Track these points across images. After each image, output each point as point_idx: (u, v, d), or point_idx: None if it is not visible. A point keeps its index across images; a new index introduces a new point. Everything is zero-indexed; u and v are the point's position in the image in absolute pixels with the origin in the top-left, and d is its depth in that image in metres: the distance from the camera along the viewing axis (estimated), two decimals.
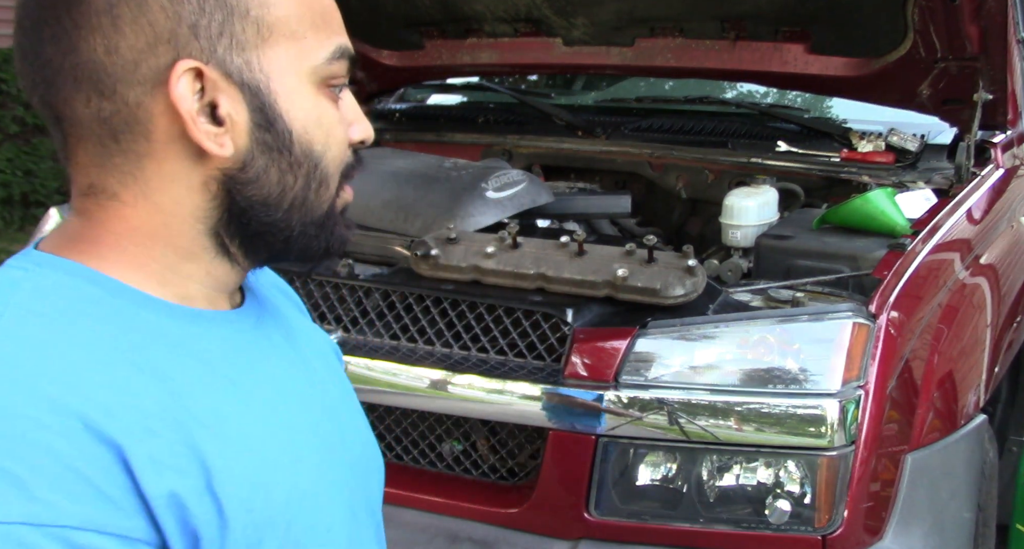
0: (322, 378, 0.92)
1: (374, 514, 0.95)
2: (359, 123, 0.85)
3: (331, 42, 0.82)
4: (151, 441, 0.68)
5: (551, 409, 1.76)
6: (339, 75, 0.82)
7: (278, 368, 0.85)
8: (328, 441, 0.86)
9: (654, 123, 2.85)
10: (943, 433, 1.85)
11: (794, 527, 1.66)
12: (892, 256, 1.88)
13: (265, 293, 0.94)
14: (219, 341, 0.80)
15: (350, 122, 0.84)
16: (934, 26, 2.25)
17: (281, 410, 0.82)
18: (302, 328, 0.98)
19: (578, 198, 2.61)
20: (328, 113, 0.82)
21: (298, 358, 0.90)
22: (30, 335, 0.69)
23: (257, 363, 0.83)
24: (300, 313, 1.03)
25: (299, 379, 0.87)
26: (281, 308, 0.96)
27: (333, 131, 0.82)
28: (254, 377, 0.81)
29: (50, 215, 2.62)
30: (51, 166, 6.92)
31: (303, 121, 0.80)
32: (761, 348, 1.71)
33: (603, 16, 2.65)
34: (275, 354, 0.86)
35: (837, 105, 3.00)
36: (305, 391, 0.87)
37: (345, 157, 0.84)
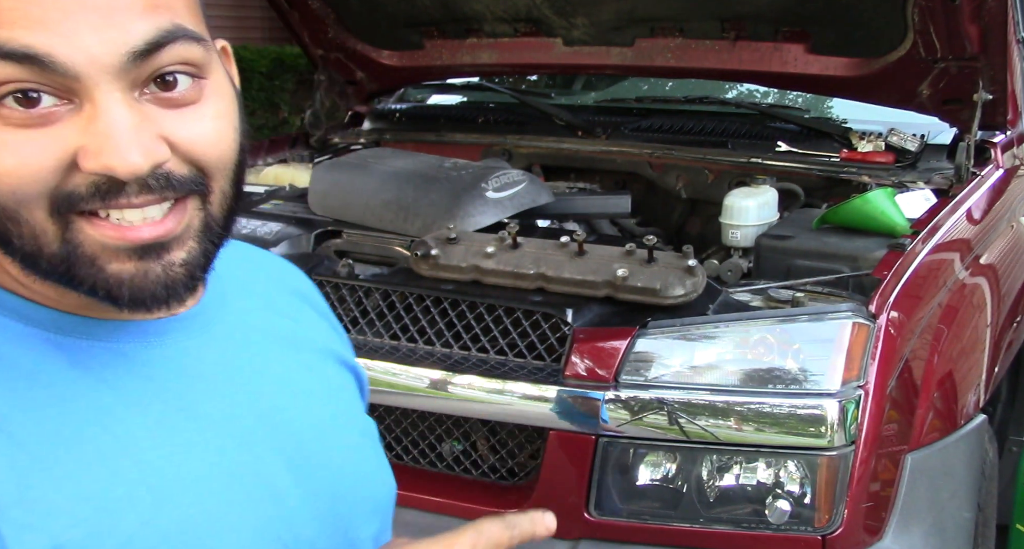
0: (276, 405, 0.80)
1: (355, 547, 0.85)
2: (95, 149, 0.62)
3: None
4: None
5: (562, 411, 1.76)
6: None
7: (187, 389, 0.74)
8: (253, 474, 0.75)
9: (654, 123, 2.85)
10: (943, 433, 1.85)
11: (794, 527, 1.66)
12: (892, 256, 1.88)
13: (246, 304, 0.84)
14: (102, 356, 0.70)
15: (80, 146, 0.62)
16: (934, 26, 2.25)
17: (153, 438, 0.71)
18: (283, 348, 0.86)
19: (578, 198, 2.61)
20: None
21: (236, 379, 0.78)
22: None
23: (151, 382, 0.72)
24: (304, 330, 0.91)
25: (216, 402, 0.76)
26: (260, 323, 0.85)
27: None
28: (147, 407, 0.71)
29: None
30: None
31: None
32: (761, 348, 1.71)
33: (603, 16, 2.65)
34: (192, 372, 0.75)
35: (837, 105, 3.00)
36: (220, 415, 0.76)
37: (49, 186, 0.63)
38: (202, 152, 0.67)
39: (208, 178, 0.68)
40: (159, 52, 0.64)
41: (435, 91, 3.54)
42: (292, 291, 0.94)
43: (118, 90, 0.62)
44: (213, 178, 0.69)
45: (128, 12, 0.62)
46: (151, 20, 0.63)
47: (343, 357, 0.93)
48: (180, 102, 0.66)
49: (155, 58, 0.64)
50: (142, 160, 0.62)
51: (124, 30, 0.62)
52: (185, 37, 0.65)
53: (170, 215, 0.66)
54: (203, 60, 0.67)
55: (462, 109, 3.37)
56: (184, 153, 0.66)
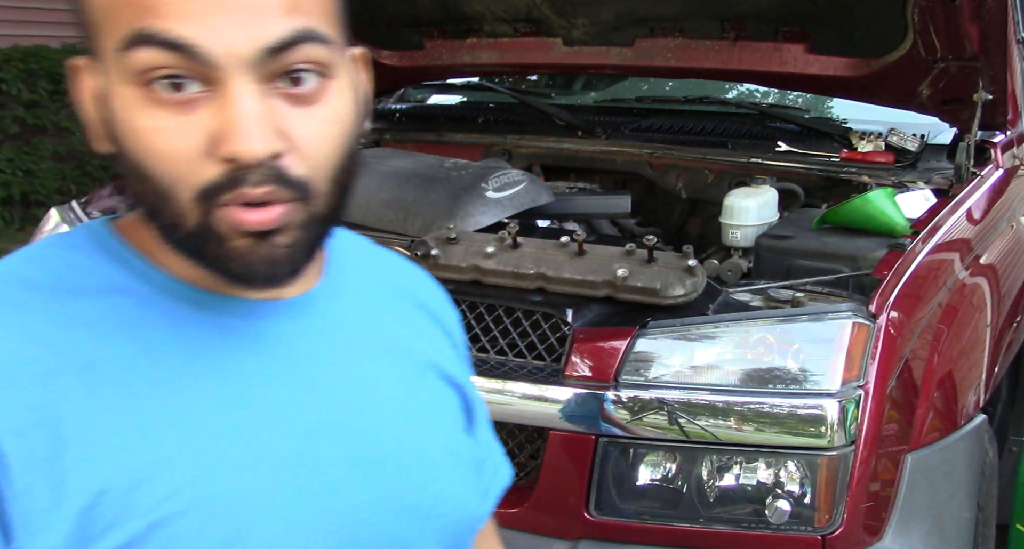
0: (356, 406, 0.82)
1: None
2: (224, 134, 0.69)
3: (127, 26, 0.68)
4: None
5: (562, 411, 1.76)
6: (147, 67, 0.68)
7: (269, 369, 0.78)
8: (309, 465, 0.77)
9: (654, 123, 2.85)
10: (943, 433, 1.85)
11: (794, 527, 1.66)
12: (892, 256, 1.88)
13: (358, 303, 0.87)
14: (202, 325, 0.77)
15: (215, 131, 0.69)
16: (934, 26, 2.25)
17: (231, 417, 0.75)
18: (382, 352, 0.87)
19: (578, 198, 2.61)
20: (136, 118, 0.70)
21: (322, 372, 0.81)
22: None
23: (238, 355, 0.77)
24: (412, 339, 0.92)
25: (293, 389, 0.79)
26: (365, 324, 0.87)
27: (150, 141, 0.69)
28: (221, 376, 0.76)
29: (50, 215, 2.62)
30: (51, 166, 6.93)
31: (118, 121, 0.71)
32: (761, 348, 1.71)
33: (603, 16, 2.65)
34: (279, 355, 0.79)
35: (837, 105, 3.00)
36: (292, 402, 0.78)
37: (198, 176, 0.70)
38: (313, 150, 0.72)
39: (314, 179, 0.73)
40: (290, 50, 0.70)
41: (435, 91, 3.54)
42: (413, 300, 0.96)
43: (250, 81, 0.69)
44: (315, 180, 0.73)
45: (268, 13, 0.69)
46: (288, 22, 0.70)
47: (449, 373, 0.93)
48: (303, 100, 0.72)
49: (286, 55, 0.70)
50: (261, 148, 0.68)
51: (263, 28, 0.69)
52: (315, 39, 0.71)
53: (274, 207, 0.72)
54: (330, 62, 0.73)
55: (462, 109, 3.37)
56: (299, 150, 0.71)
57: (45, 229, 2.60)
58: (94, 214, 2.59)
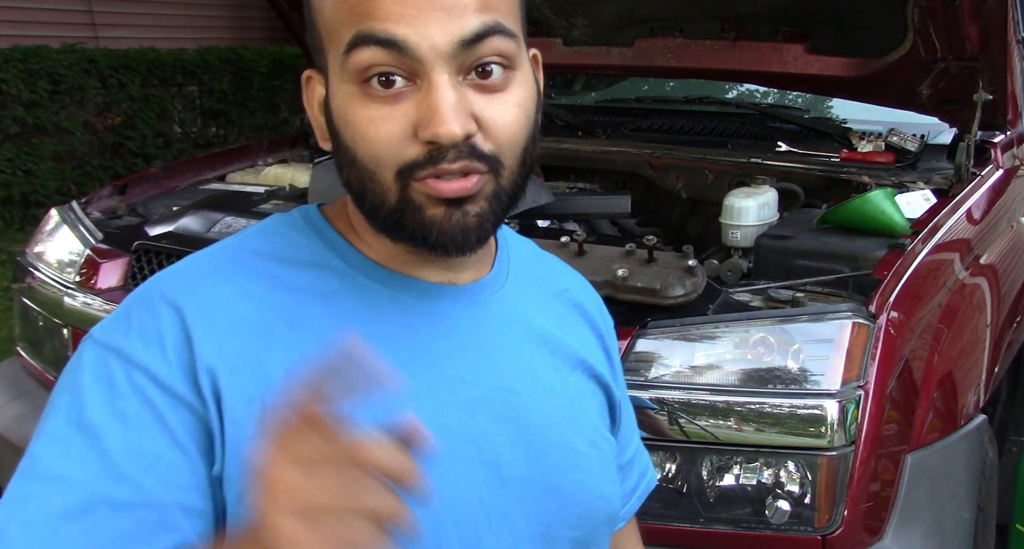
0: (511, 388, 0.91)
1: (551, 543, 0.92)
2: (426, 120, 0.79)
3: (349, 32, 0.81)
4: (212, 323, 0.82)
5: None
6: (366, 65, 0.80)
7: (435, 345, 0.88)
8: (468, 435, 0.87)
9: (654, 123, 2.86)
10: (943, 433, 1.85)
11: (794, 527, 1.66)
12: (892, 256, 1.88)
13: (520, 297, 0.97)
14: (385, 300, 0.88)
15: (418, 118, 0.80)
16: (934, 26, 2.25)
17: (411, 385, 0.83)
18: (537, 344, 0.96)
19: (578, 198, 2.60)
20: (353, 111, 0.81)
21: (482, 353, 0.90)
22: (209, 262, 0.89)
23: (411, 328, 0.87)
24: (566, 337, 1.00)
25: (456, 365, 0.88)
26: (525, 317, 0.96)
27: (362, 129, 0.81)
28: (397, 345, 0.86)
29: (50, 215, 2.62)
30: (51, 166, 6.93)
31: (337, 117, 0.83)
32: (761, 348, 1.71)
33: (603, 16, 2.65)
34: (444, 333, 0.89)
35: (837, 105, 3.00)
36: (454, 376, 0.88)
37: (400, 156, 0.81)
38: (499, 132, 0.82)
39: (501, 155, 0.83)
40: (481, 42, 0.80)
41: None
42: (570, 301, 1.04)
43: (447, 72, 0.79)
44: (504, 156, 0.83)
45: (465, 11, 0.79)
46: (479, 18, 0.79)
47: (597, 373, 1.01)
48: (491, 88, 0.81)
49: (478, 47, 0.80)
50: (458, 129, 0.78)
51: (459, 25, 0.79)
52: (503, 33, 0.81)
53: (471, 177, 0.81)
54: (514, 53, 0.83)
55: None
56: (487, 130, 0.81)
57: (45, 229, 2.59)
58: (94, 214, 2.59)
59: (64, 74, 6.92)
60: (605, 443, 1.00)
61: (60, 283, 2.40)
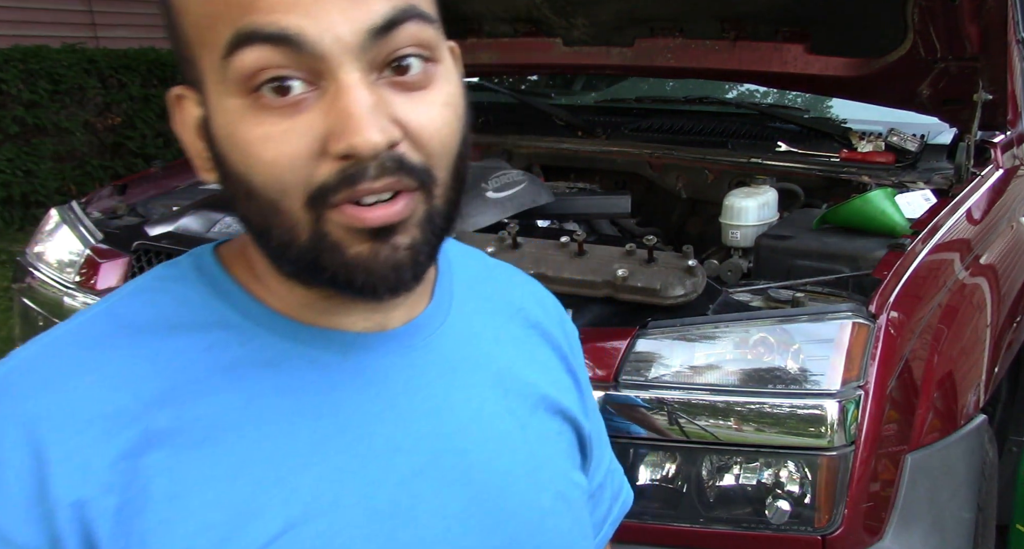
0: (459, 447, 0.77)
1: None
2: (338, 129, 0.64)
3: (227, 29, 0.64)
4: (74, 438, 0.65)
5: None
6: (253, 70, 0.64)
7: (363, 410, 0.74)
8: (407, 514, 0.73)
9: (654, 123, 2.86)
10: (943, 433, 1.85)
11: (794, 527, 1.65)
12: (892, 256, 1.88)
13: (467, 328, 0.82)
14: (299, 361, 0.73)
15: (327, 129, 0.65)
16: (934, 26, 2.25)
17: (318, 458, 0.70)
18: (490, 385, 0.82)
19: (578, 198, 2.61)
20: (243, 129, 0.66)
21: (421, 410, 0.76)
22: (69, 350, 0.71)
23: (333, 394, 0.73)
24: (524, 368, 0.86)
25: (390, 430, 0.74)
26: (473, 353, 0.82)
27: (257, 151, 0.65)
28: (316, 419, 0.72)
29: (50, 215, 2.62)
30: (51, 166, 6.93)
31: (221, 138, 0.67)
32: (761, 348, 1.71)
33: (603, 16, 2.65)
34: (374, 393, 0.75)
35: (837, 105, 3.00)
36: (388, 445, 0.74)
37: (308, 179, 0.66)
38: (429, 137, 0.68)
39: (432, 167, 0.69)
40: (396, 30, 0.66)
41: None
42: (526, 321, 0.90)
43: (358, 70, 0.65)
44: (436, 167, 0.69)
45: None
46: (390, 1, 0.66)
47: (562, 407, 0.87)
48: (412, 86, 0.68)
49: (392, 37, 0.66)
50: (380, 137, 0.64)
51: (366, 10, 0.64)
52: (419, 17, 0.67)
53: (399, 200, 0.68)
54: (435, 42, 0.69)
55: None
56: (414, 137, 0.67)
57: (45, 229, 2.60)
58: (94, 214, 2.59)
59: (64, 74, 6.93)
60: (575, 490, 0.87)
61: (60, 283, 2.40)
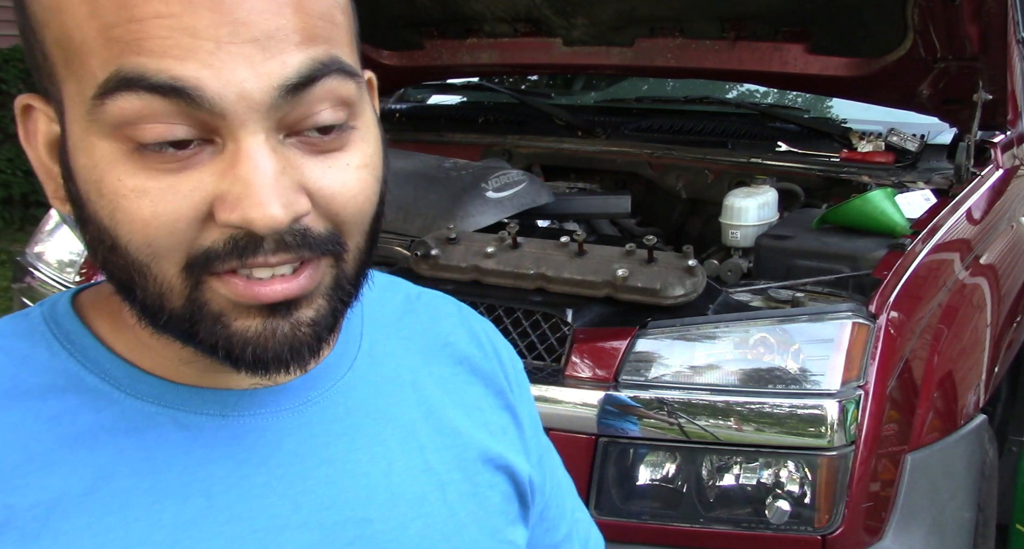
0: (362, 516, 0.67)
1: None
2: (232, 198, 0.55)
3: (103, 66, 0.53)
4: None
5: (562, 411, 1.76)
6: (132, 119, 0.54)
7: (245, 481, 0.64)
8: None
9: (654, 123, 2.86)
10: (943, 433, 1.85)
11: (794, 527, 1.66)
12: (892, 256, 1.88)
13: (377, 372, 0.73)
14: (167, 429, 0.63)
15: (219, 193, 0.55)
16: (934, 26, 2.25)
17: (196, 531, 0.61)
18: (402, 439, 0.72)
19: (578, 198, 2.61)
20: (113, 178, 0.55)
21: (315, 476, 0.66)
22: None
23: (208, 467, 0.63)
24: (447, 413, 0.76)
25: (277, 504, 0.64)
26: (381, 404, 0.72)
27: (129, 206, 0.55)
28: (183, 499, 0.61)
29: (50, 216, 2.62)
30: None
31: (82, 178, 0.57)
32: (761, 348, 1.71)
33: (603, 16, 2.65)
34: (259, 460, 0.65)
35: (837, 105, 3.00)
36: (275, 521, 0.64)
37: (190, 244, 0.56)
38: (341, 205, 0.59)
39: (344, 234, 0.61)
40: (312, 86, 0.56)
41: (435, 91, 3.54)
42: (456, 359, 0.80)
43: (263, 130, 0.55)
44: (349, 234, 0.61)
45: (286, 42, 0.55)
46: (308, 51, 0.56)
47: (493, 454, 0.77)
48: (325, 148, 0.59)
49: (306, 94, 0.56)
50: (282, 213, 0.55)
51: (279, 62, 0.55)
52: (340, 71, 0.58)
53: (303, 271, 0.59)
54: (355, 98, 0.60)
55: (462, 109, 3.37)
56: (323, 206, 0.59)
57: (45, 229, 2.60)
58: None
59: None
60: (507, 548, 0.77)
61: (60, 283, 2.40)
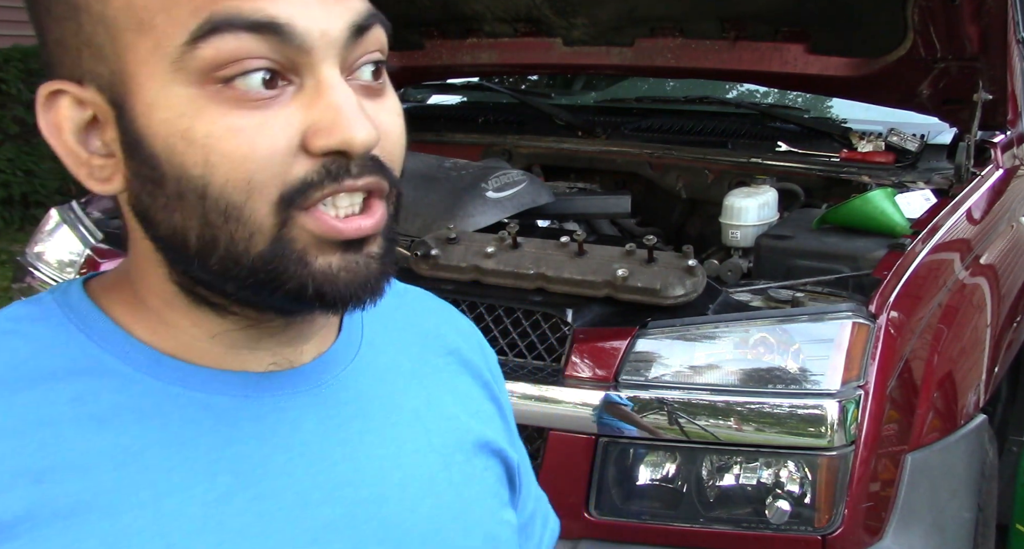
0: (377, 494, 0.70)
1: None
2: (327, 125, 0.60)
3: (192, 16, 0.58)
4: None
5: (562, 411, 1.76)
6: (229, 59, 0.58)
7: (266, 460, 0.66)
8: None
9: (654, 123, 2.86)
10: (943, 433, 1.85)
11: (794, 527, 1.66)
12: (892, 256, 1.88)
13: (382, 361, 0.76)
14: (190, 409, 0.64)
15: (310, 124, 0.60)
16: (934, 26, 2.25)
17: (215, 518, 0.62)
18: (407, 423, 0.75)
19: (578, 198, 2.61)
20: (206, 121, 0.59)
21: (332, 456, 0.69)
22: None
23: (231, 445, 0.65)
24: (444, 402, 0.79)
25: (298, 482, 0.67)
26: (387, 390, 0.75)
27: (226, 145, 0.58)
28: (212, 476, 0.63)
29: (50, 215, 2.62)
30: (51, 166, 6.92)
31: (164, 138, 0.59)
32: (761, 348, 1.71)
33: (603, 16, 2.65)
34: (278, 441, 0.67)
35: (837, 105, 3.00)
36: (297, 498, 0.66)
37: (285, 177, 0.60)
38: (392, 143, 0.65)
39: (396, 175, 0.66)
40: (369, 31, 0.63)
41: (435, 91, 3.54)
42: (444, 348, 0.84)
43: (338, 67, 0.61)
44: (397, 171, 0.67)
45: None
46: (364, 2, 0.63)
47: (487, 440, 0.81)
48: (375, 92, 0.65)
49: (366, 38, 0.63)
50: (374, 133, 0.61)
51: (347, 6, 0.62)
52: (383, 23, 0.65)
53: (374, 211, 0.63)
54: (387, 51, 0.66)
55: (462, 109, 3.37)
56: (383, 142, 0.64)
57: (45, 229, 2.59)
58: (94, 214, 2.59)
59: None
60: (504, 529, 0.80)
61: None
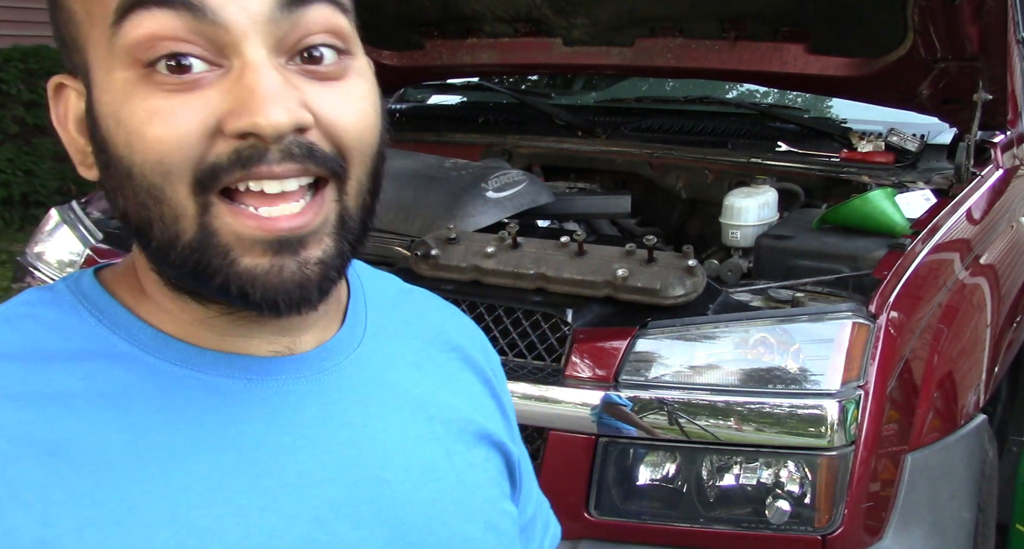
0: (379, 477, 0.71)
1: None
2: (239, 106, 0.59)
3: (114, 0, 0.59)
4: None
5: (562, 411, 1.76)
6: (147, 37, 0.58)
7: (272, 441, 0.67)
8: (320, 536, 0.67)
9: (654, 123, 2.86)
10: (943, 433, 1.85)
11: (794, 527, 1.66)
12: (892, 256, 1.88)
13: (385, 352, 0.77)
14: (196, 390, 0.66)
15: (226, 107, 0.59)
16: (934, 26, 2.25)
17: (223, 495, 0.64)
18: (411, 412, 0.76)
19: (578, 198, 2.61)
20: (130, 104, 0.59)
21: (337, 439, 0.70)
22: None
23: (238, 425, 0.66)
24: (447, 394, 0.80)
25: (302, 462, 0.67)
26: (393, 378, 0.76)
27: (141, 127, 0.59)
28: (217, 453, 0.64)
29: (50, 215, 2.62)
30: (51, 166, 6.93)
31: (104, 118, 0.61)
32: (761, 348, 1.71)
33: (603, 16, 2.65)
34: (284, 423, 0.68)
35: (837, 105, 3.00)
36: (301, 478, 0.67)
37: (198, 159, 0.59)
38: (344, 129, 0.63)
39: (347, 161, 0.64)
40: (305, 7, 0.61)
41: (435, 91, 3.54)
42: (447, 346, 0.84)
43: (264, 46, 0.60)
44: (352, 163, 0.64)
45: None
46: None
47: (488, 432, 0.81)
48: (325, 76, 0.63)
49: (301, 14, 0.61)
50: (286, 116, 0.59)
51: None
52: (334, 3, 0.63)
53: (309, 207, 0.62)
54: (349, 34, 0.65)
55: (462, 109, 3.37)
56: (326, 127, 0.62)
57: (45, 229, 2.59)
58: (94, 214, 2.59)
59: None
60: (505, 519, 0.80)
61: None
